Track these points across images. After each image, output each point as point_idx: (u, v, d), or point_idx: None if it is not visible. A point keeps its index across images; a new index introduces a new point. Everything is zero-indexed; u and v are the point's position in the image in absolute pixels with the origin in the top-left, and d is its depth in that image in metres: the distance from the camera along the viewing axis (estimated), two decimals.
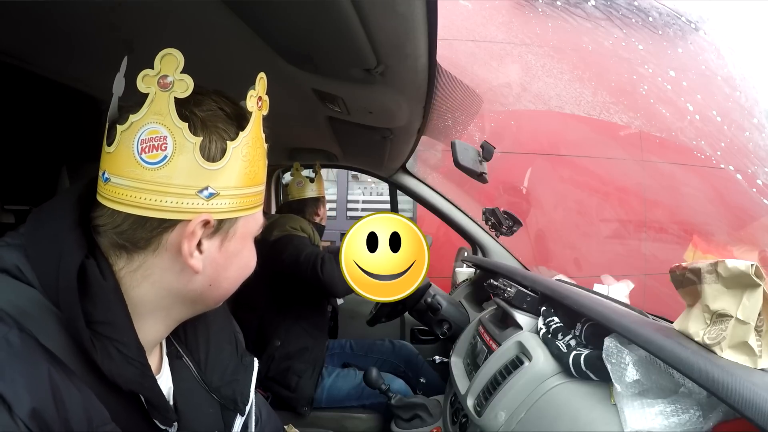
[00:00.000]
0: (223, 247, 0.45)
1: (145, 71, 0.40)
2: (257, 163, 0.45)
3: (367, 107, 0.98)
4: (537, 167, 3.75)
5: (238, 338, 0.61)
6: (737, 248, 0.78)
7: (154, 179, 0.40)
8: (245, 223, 0.46)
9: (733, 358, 0.53)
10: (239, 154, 0.43)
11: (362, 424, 1.34)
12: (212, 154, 0.42)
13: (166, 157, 0.40)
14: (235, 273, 0.48)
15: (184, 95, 0.40)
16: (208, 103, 0.43)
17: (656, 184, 3.88)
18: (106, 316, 0.40)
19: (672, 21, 1.81)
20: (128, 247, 0.42)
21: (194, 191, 0.41)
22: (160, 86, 0.40)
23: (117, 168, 0.41)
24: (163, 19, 0.62)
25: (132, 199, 0.40)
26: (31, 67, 0.77)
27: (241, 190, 0.44)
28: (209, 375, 0.54)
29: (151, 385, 0.43)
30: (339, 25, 0.57)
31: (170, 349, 0.53)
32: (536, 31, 2.30)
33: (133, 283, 0.43)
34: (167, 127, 0.40)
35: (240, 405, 0.56)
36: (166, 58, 0.40)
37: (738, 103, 1.63)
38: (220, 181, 0.42)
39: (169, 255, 0.43)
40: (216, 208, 0.42)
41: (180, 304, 0.46)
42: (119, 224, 0.41)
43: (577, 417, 0.67)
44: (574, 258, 3.75)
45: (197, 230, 0.42)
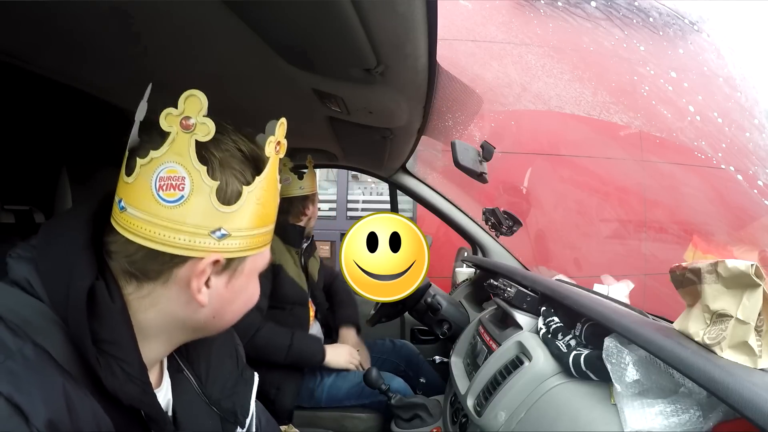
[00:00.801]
0: (230, 284, 0.47)
1: (168, 110, 0.41)
2: (270, 205, 0.47)
3: (367, 107, 0.98)
4: (537, 167, 3.75)
5: (239, 352, 0.63)
6: (737, 248, 0.78)
7: (169, 216, 0.41)
8: (253, 261, 0.48)
9: (733, 358, 0.53)
10: (253, 197, 0.44)
11: (362, 424, 1.34)
12: (227, 198, 0.43)
13: (182, 197, 0.41)
14: (238, 307, 0.50)
15: (205, 139, 0.41)
16: (226, 143, 0.44)
17: (656, 184, 3.89)
18: (112, 336, 0.42)
19: (672, 21, 1.81)
20: (139, 276, 0.44)
21: (207, 231, 0.42)
22: (182, 127, 0.41)
23: (134, 200, 0.42)
24: (163, 19, 0.62)
25: (146, 233, 0.41)
26: (31, 67, 0.77)
27: (252, 231, 0.46)
28: (210, 388, 0.56)
29: (151, 402, 0.44)
30: (339, 25, 0.57)
31: (171, 363, 0.54)
32: (536, 31, 2.30)
33: (141, 308, 0.45)
34: (186, 168, 0.41)
35: (240, 418, 0.57)
36: (190, 100, 0.41)
37: (738, 103, 1.63)
38: (232, 223, 0.44)
39: (177, 288, 0.44)
40: (227, 248, 0.44)
41: (183, 331, 0.48)
42: (132, 254, 0.43)
43: (577, 417, 0.67)
44: (574, 258, 3.75)
45: (207, 269, 0.44)
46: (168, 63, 0.76)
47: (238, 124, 0.45)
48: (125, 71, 0.80)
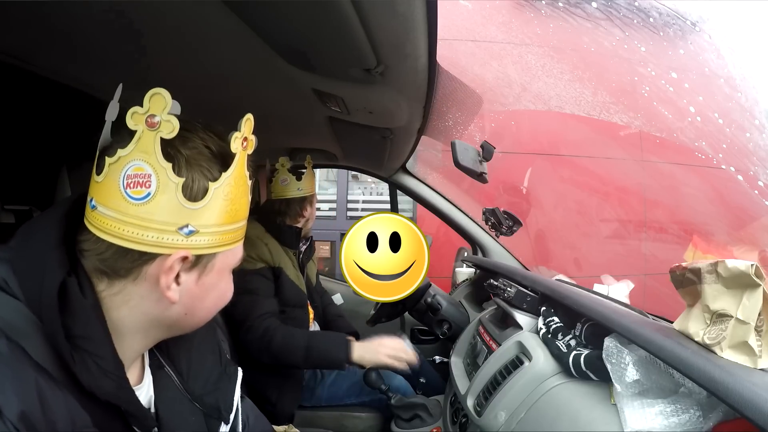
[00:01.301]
0: (200, 280, 0.47)
1: (134, 108, 0.41)
2: (239, 201, 0.47)
3: (367, 107, 0.98)
4: (537, 167, 3.75)
5: (222, 348, 0.63)
6: (737, 248, 0.78)
7: (137, 214, 0.42)
8: (224, 258, 0.48)
9: (733, 358, 0.53)
10: (221, 193, 0.44)
11: (362, 424, 1.34)
12: (194, 194, 0.43)
13: (149, 194, 0.42)
14: (210, 303, 0.50)
15: (169, 136, 0.41)
16: (193, 141, 0.45)
17: (656, 184, 3.89)
18: (85, 331, 0.42)
19: (672, 21, 1.81)
20: (109, 274, 0.44)
21: (174, 228, 0.43)
22: (147, 125, 0.41)
23: (104, 198, 0.42)
24: (163, 19, 0.62)
25: (115, 230, 0.42)
26: (31, 67, 0.77)
27: (221, 227, 0.46)
28: (191, 384, 0.56)
29: (128, 397, 0.45)
30: (339, 25, 0.57)
31: (153, 359, 0.55)
32: (536, 31, 2.30)
33: (113, 306, 0.45)
34: (152, 165, 0.41)
35: (224, 413, 0.57)
36: (154, 98, 0.41)
37: (738, 104, 1.63)
38: (200, 219, 0.44)
39: (147, 285, 0.45)
40: (195, 245, 0.44)
41: (157, 328, 0.49)
42: (102, 252, 0.43)
43: (577, 417, 0.67)
44: (574, 258, 3.75)
45: (175, 265, 0.44)
46: (168, 63, 0.76)
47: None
48: (125, 71, 0.79)
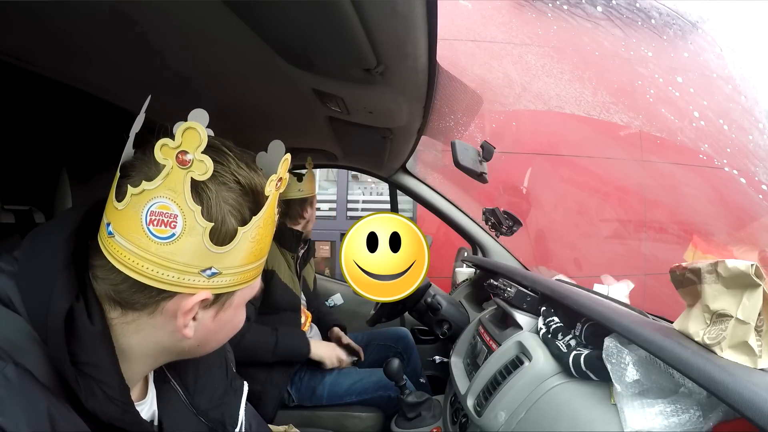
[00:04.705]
0: (218, 317, 0.46)
1: (164, 140, 0.38)
2: (264, 240, 0.45)
3: (367, 107, 0.98)
4: (537, 167, 3.75)
5: (228, 360, 0.62)
6: (737, 248, 0.78)
7: (158, 252, 0.40)
8: (242, 294, 0.47)
9: (733, 358, 0.53)
10: (248, 236, 0.43)
11: (362, 423, 1.34)
12: (221, 239, 0.42)
13: (174, 235, 0.39)
14: (224, 335, 0.50)
15: (201, 178, 0.39)
16: (224, 176, 0.42)
17: (656, 184, 3.89)
18: (91, 359, 0.40)
19: (672, 21, 1.81)
20: (123, 305, 0.43)
21: (197, 270, 0.41)
22: (178, 162, 0.38)
23: (123, 229, 0.40)
24: (163, 19, 0.62)
25: (134, 265, 0.40)
26: (31, 67, 0.77)
27: (244, 267, 0.44)
28: (197, 398, 0.55)
29: (133, 420, 0.44)
30: (339, 25, 0.57)
31: (158, 373, 0.53)
32: (537, 31, 2.30)
33: (124, 333, 0.43)
34: (179, 206, 0.39)
35: (228, 428, 0.56)
36: (188, 132, 0.38)
37: (739, 104, 1.63)
38: (224, 262, 0.42)
39: (163, 318, 0.43)
40: (216, 285, 0.43)
41: (167, 355, 0.48)
42: (118, 283, 0.42)
43: (577, 417, 0.67)
44: (574, 258, 3.75)
45: (195, 306, 0.43)
46: (168, 63, 0.76)
47: (238, 127, 0.45)
48: (125, 71, 0.80)
